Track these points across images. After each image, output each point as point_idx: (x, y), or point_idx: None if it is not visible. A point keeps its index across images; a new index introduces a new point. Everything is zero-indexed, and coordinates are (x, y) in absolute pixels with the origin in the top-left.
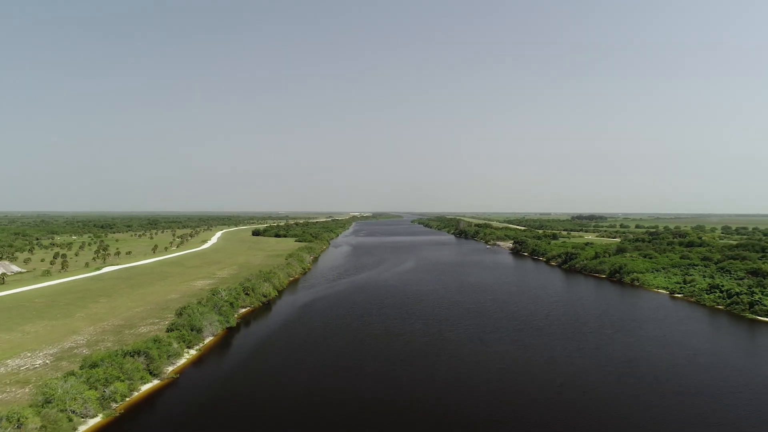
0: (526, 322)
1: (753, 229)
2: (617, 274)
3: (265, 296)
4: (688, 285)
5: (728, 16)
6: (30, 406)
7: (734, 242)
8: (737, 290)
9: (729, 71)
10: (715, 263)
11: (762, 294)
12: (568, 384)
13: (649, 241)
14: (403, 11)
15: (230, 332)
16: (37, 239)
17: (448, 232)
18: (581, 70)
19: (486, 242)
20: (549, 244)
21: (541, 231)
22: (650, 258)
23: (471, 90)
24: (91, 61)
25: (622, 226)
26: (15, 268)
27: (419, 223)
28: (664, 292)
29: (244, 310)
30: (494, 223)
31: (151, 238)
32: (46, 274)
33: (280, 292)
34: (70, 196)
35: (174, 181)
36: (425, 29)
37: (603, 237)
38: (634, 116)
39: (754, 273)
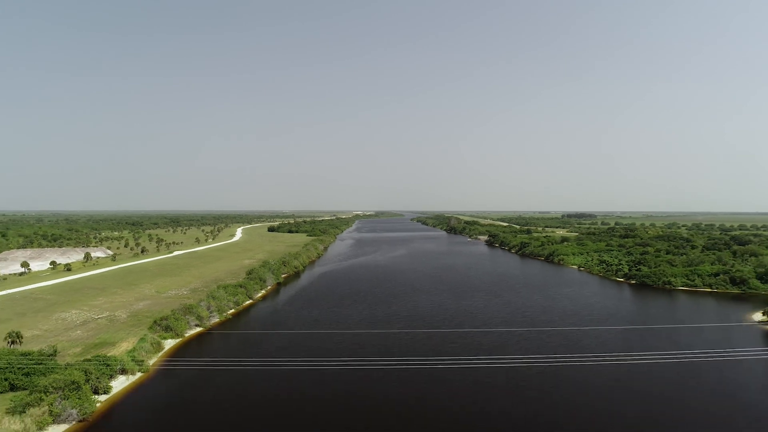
0: (467, 282)
1: (719, 226)
2: (551, 256)
3: (296, 268)
4: (589, 261)
5: (727, 15)
6: (198, 304)
7: (656, 234)
8: (612, 263)
9: (730, 69)
10: (627, 248)
11: (626, 265)
12: (477, 305)
13: (597, 234)
14: (403, 10)
15: (279, 285)
16: (87, 234)
17: (441, 228)
18: (582, 69)
19: (469, 236)
20: (515, 236)
21: (518, 227)
22: (583, 245)
23: (472, 89)
24: (87, 59)
25: (603, 223)
26: (109, 252)
27: (418, 221)
28: (575, 267)
29: (284, 275)
30: (482, 221)
31: (184, 233)
32: (137, 256)
33: (304, 267)
34: (67, 195)
35: (175, 181)
36: (425, 28)
37: (571, 232)
38: (636, 115)
39: (644, 254)
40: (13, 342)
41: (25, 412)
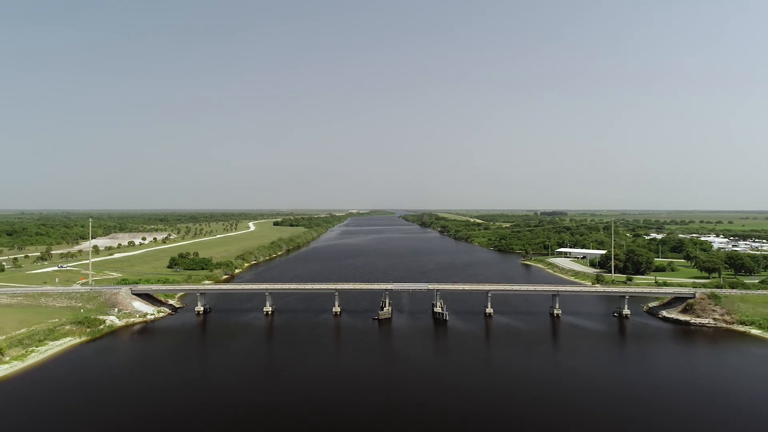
0: (405, 251)
1: (672, 222)
2: (468, 238)
3: (297, 244)
4: (483, 240)
5: (728, 15)
6: (253, 251)
7: (560, 224)
8: (498, 241)
9: (730, 68)
10: (522, 234)
11: (498, 241)
12: (410, 263)
13: (520, 226)
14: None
15: (288, 251)
16: (134, 226)
17: (417, 223)
18: (582, 68)
19: (432, 228)
20: (457, 227)
21: (473, 221)
22: (495, 232)
23: (472, 90)
24: (90, 60)
25: (561, 219)
26: (175, 235)
27: (402, 218)
28: (478, 244)
29: (291, 247)
30: (449, 216)
31: (208, 226)
32: (194, 236)
33: (303, 244)
34: (66, 196)
35: (175, 182)
36: (423, 30)
37: (511, 224)
38: (636, 115)
39: (507, 234)
40: (195, 255)
41: (216, 270)
